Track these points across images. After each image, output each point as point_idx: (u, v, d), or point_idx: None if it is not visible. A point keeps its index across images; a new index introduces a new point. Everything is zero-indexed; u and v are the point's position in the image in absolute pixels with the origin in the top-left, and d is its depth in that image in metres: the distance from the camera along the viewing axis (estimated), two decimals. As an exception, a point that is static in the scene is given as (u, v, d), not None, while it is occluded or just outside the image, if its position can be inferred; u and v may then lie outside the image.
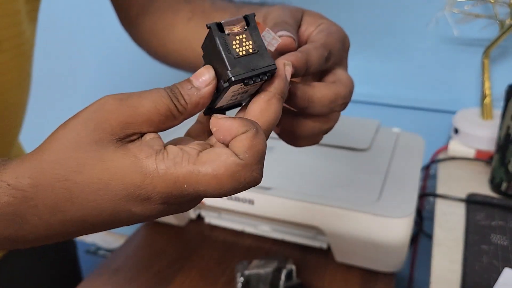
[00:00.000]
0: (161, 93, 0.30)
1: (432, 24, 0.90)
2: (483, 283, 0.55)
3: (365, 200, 0.60)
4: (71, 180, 0.28)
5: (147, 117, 0.29)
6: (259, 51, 0.31)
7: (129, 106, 0.29)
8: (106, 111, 0.29)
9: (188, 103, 0.31)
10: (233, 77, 0.30)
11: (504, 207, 0.70)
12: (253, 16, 0.32)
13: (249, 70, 0.30)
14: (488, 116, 0.90)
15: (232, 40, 0.31)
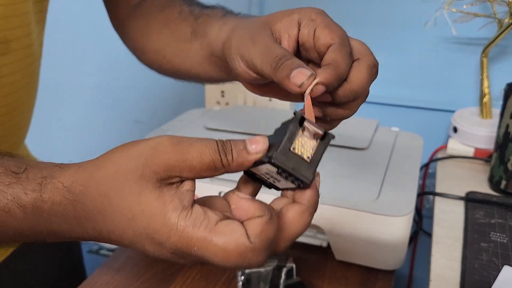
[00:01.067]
0: (210, 145, 0.33)
1: (431, 23, 0.90)
2: (483, 280, 0.55)
3: (364, 199, 0.60)
4: (109, 200, 0.32)
5: (190, 164, 0.32)
6: (311, 162, 0.34)
7: (178, 152, 0.32)
8: (158, 151, 0.32)
9: (234, 160, 0.33)
10: (273, 159, 0.32)
11: (503, 205, 0.71)
12: (332, 137, 0.34)
13: (289, 166, 0.33)
14: (487, 115, 0.90)
15: (300, 137, 0.33)
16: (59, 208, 0.33)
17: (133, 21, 0.60)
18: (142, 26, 0.59)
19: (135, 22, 0.60)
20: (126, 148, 0.33)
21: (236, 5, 1.17)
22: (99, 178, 0.32)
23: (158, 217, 0.31)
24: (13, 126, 0.53)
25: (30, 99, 0.55)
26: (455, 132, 0.89)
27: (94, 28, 1.34)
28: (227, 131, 0.83)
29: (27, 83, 0.52)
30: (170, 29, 0.55)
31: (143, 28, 0.59)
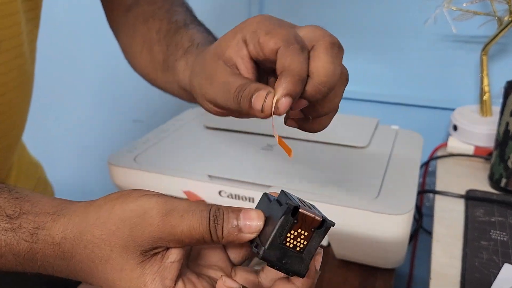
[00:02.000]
0: (202, 219, 0.31)
1: (431, 21, 0.90)
2: (483, 278, 0.55)
3: (364, 197, 0.60)
4: (96, 267, 0.32)
5: (179, 238, 0.31)
6: (304, 255, 0.31)
7: (167, 226, 0.30)
8: (145, 222, 0.31)
9: (224, 237, 0.31)
10: (261, 255, 0.31)
11: (503, 203, 0.71)
12: (331, 225, 0.32)
13: (280, 261, 0.31)
14: (487, 112, 0.90)
15: (292, 229, 0.31)
16: (50, 260, 0.33)
17: (123, 27, 0.60)
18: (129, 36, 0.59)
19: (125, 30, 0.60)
20: (114, 208, 0.32)
21: (236, 5, 1.18)
22: (87, 241, 0.32)
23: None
24: (7, 127, 0.52)
25: (24, 99, 0.55)
26: (455, 130, 0.89)
27: (93, 28, 1.34)
28: (226, 130, 0.83)
29: (20, 83, 0.52)
30: (148, 51, 0.55)
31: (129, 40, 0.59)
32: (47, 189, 0.74)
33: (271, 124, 0.34)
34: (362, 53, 1.05)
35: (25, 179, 0.67)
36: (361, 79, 1.08)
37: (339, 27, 1.05)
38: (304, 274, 0.31)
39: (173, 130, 0.84)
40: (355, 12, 1.02)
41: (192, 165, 0.69)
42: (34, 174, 0.70)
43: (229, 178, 0.66)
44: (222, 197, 0.66)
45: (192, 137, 0.81)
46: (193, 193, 0.67)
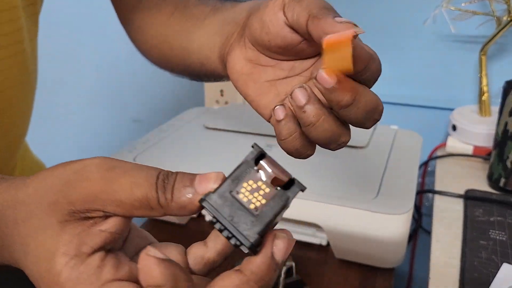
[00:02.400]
0: (148, 176, 0.26)
1: (429, 21, 0.90)
2: (482, 278, 0.56)
3: (363, 197, 0.60)
4: (17, 228, 0.27)
5: (118, 197, 0.26)
6: (259, 216, 0.25)
7: (106, 180, 0.26)
8: (81, 176, 0.26)
9: (174, 201, 0.26)
10: (203, 202, 0.25)
11: (502, 203, 0.71)
12: (301, 188, 0.27)
13: (228, 219, 0.25)
14: (486, 112, 0.90)
15: (251, 180, 0.25)
16: None
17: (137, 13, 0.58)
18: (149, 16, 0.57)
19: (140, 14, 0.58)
20: (55, 167, 0.28)
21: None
22: (17, 200, 0.27)
23: (44, 261, 0.25)
24: (8, 125, 0.51)
25: (26, 97, 0.54)
26: (454, 130, 0.90)
27: (93, 28, 1.34)
28: (226, 130, 0.83)
29: (21, 81, 0.50)
30: (183, 11, 0.52)
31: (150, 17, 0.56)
32: None
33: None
34: (361, 53, 1.06)
35: None
36: (360, 79, 1.08)
37: (338, 27, 1.05)
38: (252, 246, 0.24)
39: (173, 130, 0.85)
40: (354, 12, 1.02)
41: (191, 165, 0.69)
42: None
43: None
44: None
45: (191, 137, 0.81)
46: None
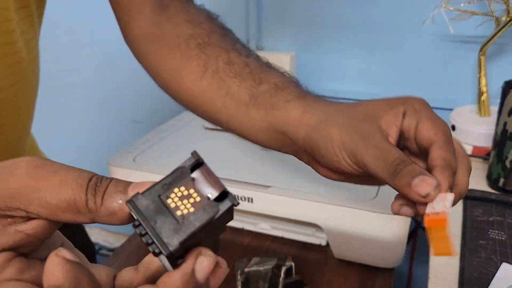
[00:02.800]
0: (80, 177, 0.24)
1: (428, 21, 0.90)
2: (481, 277, 0.56)
3: (362, 197, 0.60)
4: None
5: (43, 196, 0.23)
6: (183, 224, 0.23)
7: (32, 177, 0.24)
8: (8, 173, 0.24)
9: (104, 205, 0.24)
10: (130, 204, 0.23)
11: (501, 203, 0.71)
12: (234, 204, 0.24)
13: (151, 223, 0.23)
14: (485, 112, 0.90)
15: (183, 187, 0.24)
16: None
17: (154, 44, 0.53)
18: (172, 57, 0.52)
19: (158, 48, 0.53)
20: None
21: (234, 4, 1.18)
22: None
23: None
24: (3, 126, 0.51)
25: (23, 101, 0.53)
26: (453, 130, 0.90)
27: (92, 28, 1.34)
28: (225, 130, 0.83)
29: (13, 82, 0.49)
30: (216, 78, 0.48)
31: (173, 61, 0.51)
32: None
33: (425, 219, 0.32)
34: (361, 53, 1.06)
35: None
36: (360, 79, 1.09)
37: (337, 26, 1.05)
38: (171, 254, 0.22)
39: (172, 130, 0.85)
40: (354, 12, 1.03)
41: (191, 165, 0.70)
42: None
43: (228, 179, 0.66)
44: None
45: (191, 138, 0.81)
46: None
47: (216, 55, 0.49)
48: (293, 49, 1.13)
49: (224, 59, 0.49)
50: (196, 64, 0.49)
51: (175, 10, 0.54)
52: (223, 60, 0.49)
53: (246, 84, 0.47)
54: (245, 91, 0.47)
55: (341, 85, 1.11)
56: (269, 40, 1.15)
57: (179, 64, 0.51)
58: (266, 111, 0.45)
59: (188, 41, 0.51)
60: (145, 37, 0.53)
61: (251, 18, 1.12)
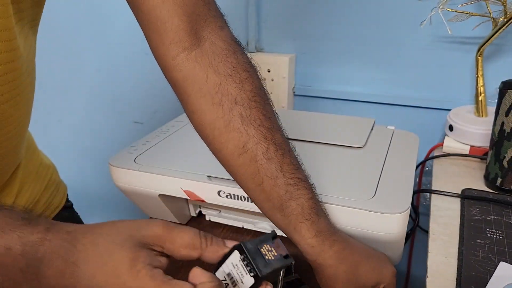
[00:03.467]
0: (195, 230, 0.41)
1: (426, 22, 0.91)
2: (479, 276, 0.56)
3: (361, 197, 0.61)
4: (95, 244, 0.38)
5: (174, 238, 0.40)
6: (269, 263, 0.42)
7: (167, 228, 0.40)
8: (151, 224, 0.40)
9: (213, 243, 0.42)
10: (242, 243, 0.42)
11: (499, 202, 0.71)
12: (291, 262, 0.43)
13: (252, 255, 0.41)
14: (483, 113, 0.91)
15: (269, 245, 0.43)
16: (55, 248, 0.38)
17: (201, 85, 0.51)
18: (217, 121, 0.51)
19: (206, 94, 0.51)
20: (122, 220, 0.41)
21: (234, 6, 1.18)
22: (95, 233, 0.39)
23: (125, 265, 0.37)
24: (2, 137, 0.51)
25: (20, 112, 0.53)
26: (451, 130, 0.90)
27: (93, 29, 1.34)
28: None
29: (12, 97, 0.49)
30: (252, 169, 0.52)
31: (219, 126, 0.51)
32: (59, 189, 0.74)
33: None
34: (359, 54, 1.06)
35: (35, 182, 0.67)
36: (358, 80, 1.09)
37: (336, 29, 1.06)
38: (262, 274, 0.40)
39: (172, 131, 0.85)
40: (352, 14, 1.03)
41: (191, 165, 0.70)
42: (45, 176, 0.71)
43: (228, 179, 0.66)
44: (221, 197, 0.66)
45: (191, 138, 0.82)
46: (193, 193, 0.68)
47: (257, 142, 0.50)
48: (292, 50, 1.13)
49: (263, 151, 0.50)
50: (238, 139, 0.50)
51: (211, 44, 0.51)
52: (262, 152, 0.50)
53: (278, 192, 0.51)
54: (276, 197, 0.51)
55: (339, 86, 1.11)
56: (269, 42, 1.15)
57: (222, 129, 0.50)
58: (290, 230, 0.53)
59: (231, 107, 0.50)
60: (182, 72, 0.50)
61: (251, 20, 1.13)
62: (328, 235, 0.52)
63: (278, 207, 0.52)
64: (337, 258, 0.52)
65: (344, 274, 0.52)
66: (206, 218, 0.79)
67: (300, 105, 1.17)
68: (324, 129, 0.84)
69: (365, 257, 0.55)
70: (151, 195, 0.71)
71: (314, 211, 0.52)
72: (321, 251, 0.52)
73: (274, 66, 1.10)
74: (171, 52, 0.49)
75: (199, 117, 0.52)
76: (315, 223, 0.51)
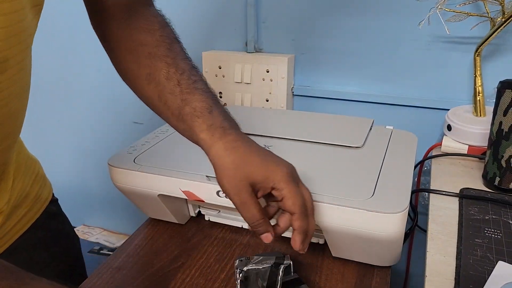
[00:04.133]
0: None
1: (424, 22, 0.91)
2: (478, 276, 0.56)
3: (359, 197, 0.61)
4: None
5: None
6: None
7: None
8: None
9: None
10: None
11: (497, 201, 0.71)
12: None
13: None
14: (481, 112, 0.91)
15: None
16: None
17: (120, 42, 0.63)
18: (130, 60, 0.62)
19: (123, 46, 0.63)
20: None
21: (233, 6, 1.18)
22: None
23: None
24: (5, 132, 0.54)
25: (23, 106, 0.57)
26: (449, 130, 0.90)
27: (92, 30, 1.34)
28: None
29: (21, 93, 0.54)
30: (156, 93, 0.60)
31: (130, 64, 0.62)
32: (46, 183, 0.76)
33: None
34: (357, 54, 1.06)
35: (24, 174, 0.68)
36: (356, 81, 1.09)
37: (334, 30, 1.06)
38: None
39: (172, 131, 0.85)
40: (350, 14, 1.03)
41: (190, 166, 0.70)
42: (33, 169, 0.72)
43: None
44: (221, 197, 0.66)
45: (190, 139, 0.82)
46: (192, 193, 0.68)
47: (159, 69, 0.60)
48: (291, 51, 1.13)
49: (164, 74, 0.59)
50: (146, 73, 0.60)
51: (140, 15, 0.63)
52: (163, 75, 0.59)
53: (176, 102, 0.59)
54: (175, 107, 0.59)
55: (338, 86, 1.12)
56: (268, 42, 1.16)
57: (135, 69, 0.61)
58: (189, 134, 0.58)
59: (142, 49, 0.61)
60: (114, 38, 0.63)
61: (250, 20, 1.13)
62: (220, 129, 0.56)
63: (177, 115, 0.58)
64: (226, 148, 0.55)
65: (231, 164, 0.54)
66: (206, 218, 0.79)
67: (299, 105, 1.17)
68: (323, 129, 0.84)
69: (256, 151, 0.56)
70: (150, 195, 0.72)
71: (206, 110, 0.57)
72: (212, 143, 0.55)
73: (273, 66, 1.11)
74: (107, 21, 0.62)
75: (121, 66, 0.64)
76: (206, 119, 0.56)
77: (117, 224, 1.77)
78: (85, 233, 1.75)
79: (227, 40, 1.20)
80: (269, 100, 1.14)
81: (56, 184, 0.80)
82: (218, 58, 1.17)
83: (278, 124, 0.85)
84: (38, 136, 1.49)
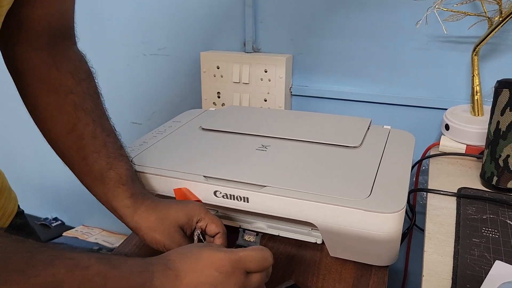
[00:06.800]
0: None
1: (422, 22, 0.91)
2: (475, 275, 0.56)
3: (357, 196, 0.61)
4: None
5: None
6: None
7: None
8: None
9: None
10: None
11: (495, 201, 0.71)
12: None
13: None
14: (479, 112, 0.91)
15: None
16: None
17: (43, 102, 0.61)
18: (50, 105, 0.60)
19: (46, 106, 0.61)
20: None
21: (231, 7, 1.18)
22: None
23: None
24: None
25: None
26: (447, 130, 0.90)
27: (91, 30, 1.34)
28: (222, 131, 0.83)
29: None
30: (77, 145, 0.61)
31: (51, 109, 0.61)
32: (11, 195, 0.73)
33: None
34: (355, 54, 1.07)
35: None
36: (354, 80, 1.09)
37: (332, 29, 1.06)
38: None
39: (169, 131, 0.85)
40: (348, 14, 1.03)
41: (188, 166, 0.70)
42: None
43: (224, 179, 0.67)
44: (218, 197, 0.66)
45: (188, 139, 0.82)
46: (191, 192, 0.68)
47: (85, 123, 0.61)
48: (289, 51, 1.13)
49: (90, 131, 0.61)
50: (67, 120, 0.60)
51: (63, 54, 0.62)
52: (89, 132, 0.61)
53: (99, 163, 0.61)
54: (98, 168, 0.61)
55: (336, 86, 1.12)
56: (266, 42, 1.16)
57: (54, 111, 0.60)
58: (108, 196, 0.61)
59: (67, 96, 0.60)
60: (33, 72, 0.60)
61: (248, 20, 1.13)
62: (140, 196, 0.62)
63: (99, 177, 0.61)
64: (147, 210, 0.61)
65: (157, 220, 0.60)
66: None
67: (297, 105, 1.18)
68: (321, 129, 0.84)
69: (169, 203, 0.63)
70: (148, 196, 0.72)
71: (130, 179, 0.62)
72: (135, 208, 0.61)
73: (271, 66, 1.11)
74: (24, 47, 0.58)
75: (34, 100, 0.61)
76: (130, 187, 0.62)
77: (116, 225, 1.77)
78: (84, 233, 1.75)
79: (225, 40, 1.20)
80: (267, 100, 1.14)
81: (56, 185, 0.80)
82: (216, 58, 1.17)
83: (276, 124, 0.85)
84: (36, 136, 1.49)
